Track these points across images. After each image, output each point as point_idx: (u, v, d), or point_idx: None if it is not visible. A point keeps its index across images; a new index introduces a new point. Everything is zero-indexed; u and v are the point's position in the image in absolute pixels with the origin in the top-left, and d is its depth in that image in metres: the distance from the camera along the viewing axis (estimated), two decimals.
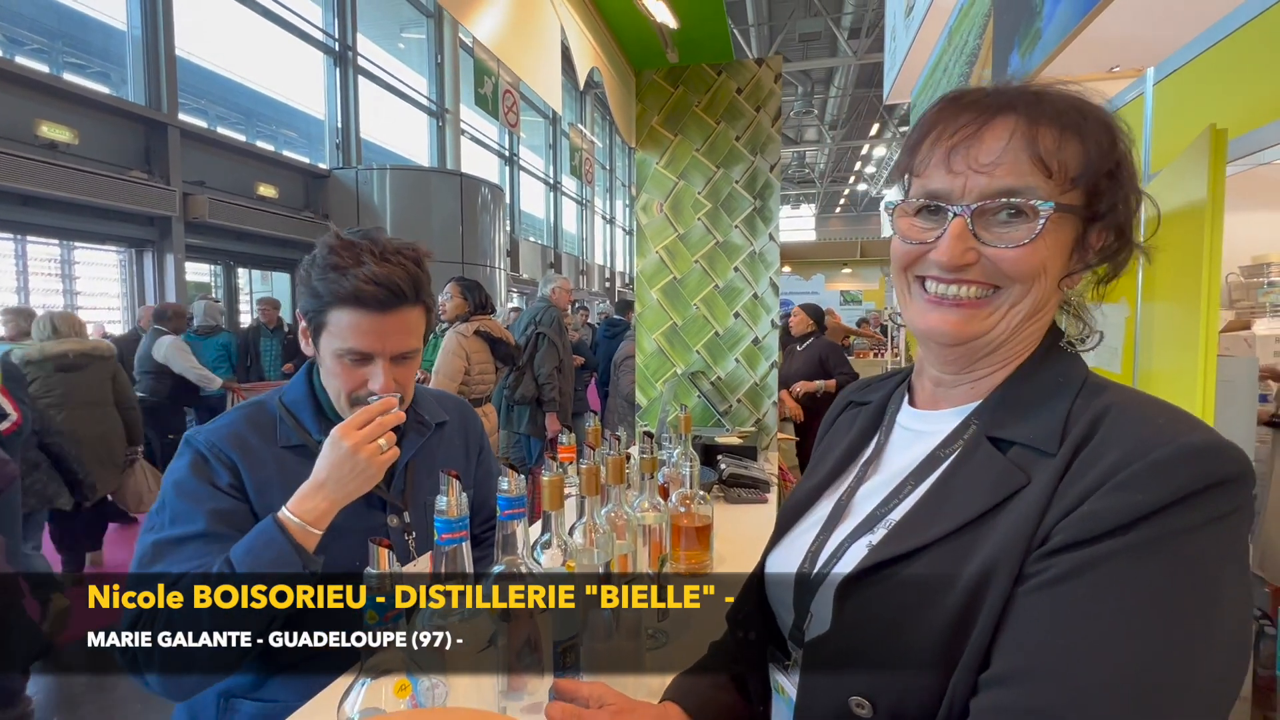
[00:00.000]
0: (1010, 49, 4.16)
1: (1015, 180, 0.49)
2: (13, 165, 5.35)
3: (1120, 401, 0.48)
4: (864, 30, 14.18)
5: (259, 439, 0.88)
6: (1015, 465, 0.49)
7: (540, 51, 1.59)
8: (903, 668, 0.47)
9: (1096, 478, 0.44)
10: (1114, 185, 0.50)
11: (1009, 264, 0.50)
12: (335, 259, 0.86)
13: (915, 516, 0.52)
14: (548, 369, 3.77)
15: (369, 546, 0.54)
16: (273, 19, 8.25)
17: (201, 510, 0.80)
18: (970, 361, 0.55)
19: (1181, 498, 0.41)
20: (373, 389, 0.87)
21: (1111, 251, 0.52)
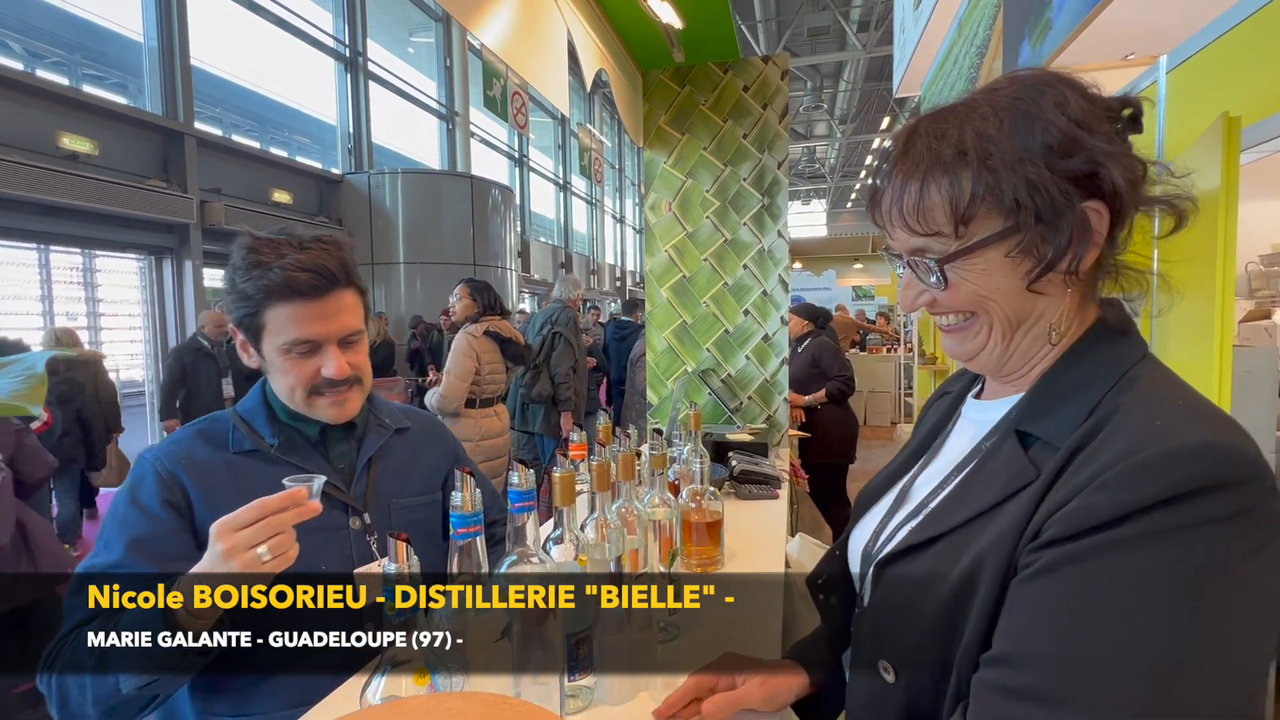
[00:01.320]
0: (1020, 39, 4.11)
1: (911, 240, 0.53)
2: (36, 177, 5.48)
3: (1136, 398, 0.47)
4: (873, 23, 14.07)
5: (209, 450, 0.87)
6: (1031, 461, 0.49)
7: (546, 55, 1.61)
8: (915, 640, 0.51)
9: (1087, 476, 0.44)
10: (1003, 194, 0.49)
11: (947, 301, 0.53)
12: (257, 257, 0.84)
13: (943, 506, 0.55)
14: (564, 368, 3.80)
15: (387, 542, 0.56)
16: (285, 27, 8.36)
17: (123, 538, 0.79)
18: (996, 369, 0.57)
19: (1169, 498, 0.40)
20: (327, 374, 0.86)
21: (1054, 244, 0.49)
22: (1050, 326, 0.53)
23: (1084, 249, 0.50)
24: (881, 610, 0.55)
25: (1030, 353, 0.54)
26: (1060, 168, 0.48)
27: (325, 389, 0.87)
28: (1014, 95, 0.50)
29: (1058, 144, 0.48)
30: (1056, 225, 0.49)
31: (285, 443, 0.90)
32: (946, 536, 0.52)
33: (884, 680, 0.53)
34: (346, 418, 0.92)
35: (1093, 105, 0.50)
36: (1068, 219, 0.49)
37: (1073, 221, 0.49)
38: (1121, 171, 0.48)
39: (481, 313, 3.01)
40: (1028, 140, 0.48)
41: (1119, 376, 0.49)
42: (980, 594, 0.47)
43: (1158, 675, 0.39)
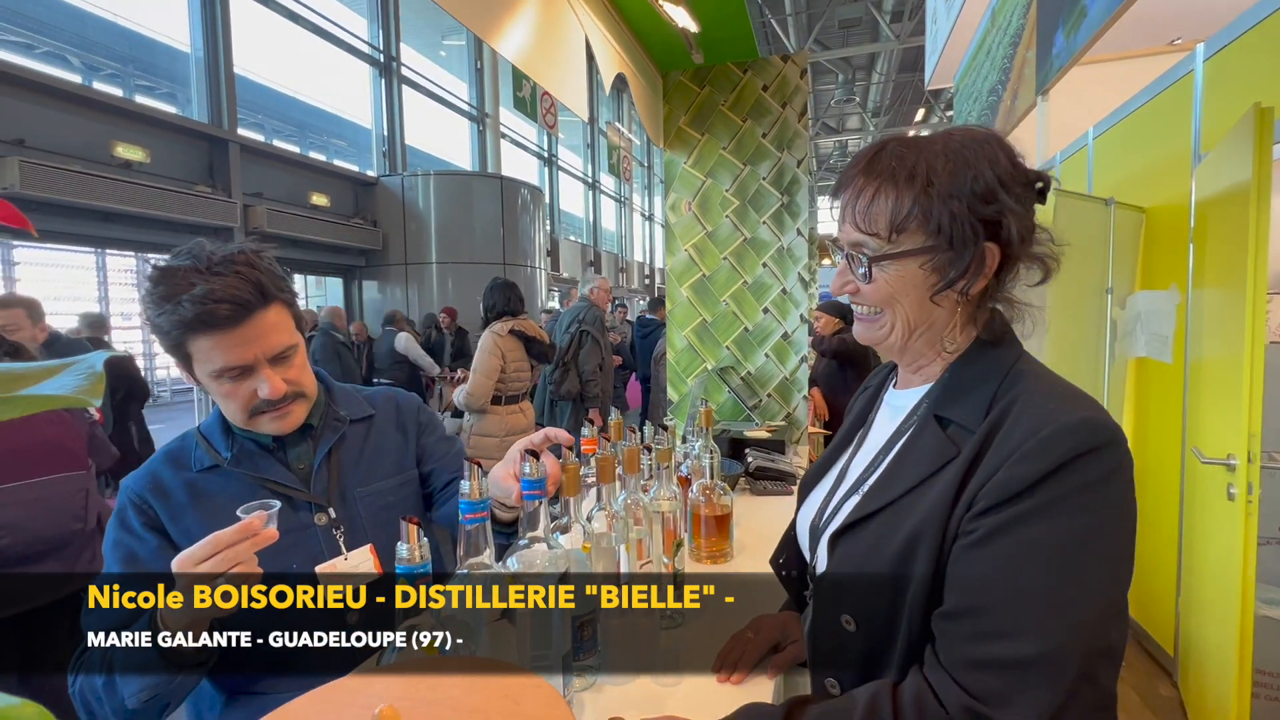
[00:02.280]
0: (1055, 28, 4.01)
1: (854, 235, 0.66)
2: (93, 185, 5.79)
3: (1027, 389, 0.61)
4: (906, 13, 13.77)
5: (172, 471, 0.90)
6: (950, 440, 0.63)
7: (565, 63, 1.66)
8: (870, 596, 0.63)
9: (1005, 454, 0.58)
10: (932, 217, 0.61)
11: (866, 294, 0.66)
12: (165, 289, 0.81)
13: (881, 481, 0.67)
14: (591, 366, 3.86)
15: (400, 526, 0.61)
16: (322, 34, 8.62)
17: (117, 559, 0.86)
18: (898, 356, 0.71)
19: (1061, 464, 0.55)
20: (264, 396, 0.86)
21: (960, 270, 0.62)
22: (941, 335, 0.67)
23: (976, 278, 0.63)
24: (838, 575, 0.67)
25: (923, 352, 0.68)
26: (977, 210, 0.61)
27: (265, 407, 0.88)
28: (962, 143, 0.63)
29: (981, 191, 0.61)
30: (962, 253, 0.62)
31: (239, 454, 0.91)
32: (887, 509, 0.64)
33: (846, 630, 0.65)
34: (291, 429, 0.92)
35: (1015, 169, 0.63)
36: (971, 251, 0.62)
37: (974, 254, 0.62)
38: (1018, 227, 0.62)
39: (501, 313, 3.09)
40: (961, 182, 0.61)
41: (1006, 371, 0.64)
42: (921, 554, 0.59)
43: (1076, 601, 0.54)
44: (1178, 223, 2.48)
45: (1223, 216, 1.96)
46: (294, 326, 0.91)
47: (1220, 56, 2.27)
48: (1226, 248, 1.89)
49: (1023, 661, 0.53)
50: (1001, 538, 0.56)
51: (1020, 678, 0.53)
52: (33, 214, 5.61)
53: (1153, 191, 2.73)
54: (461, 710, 0.39)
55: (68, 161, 5.69)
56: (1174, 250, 2.51)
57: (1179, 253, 2.42)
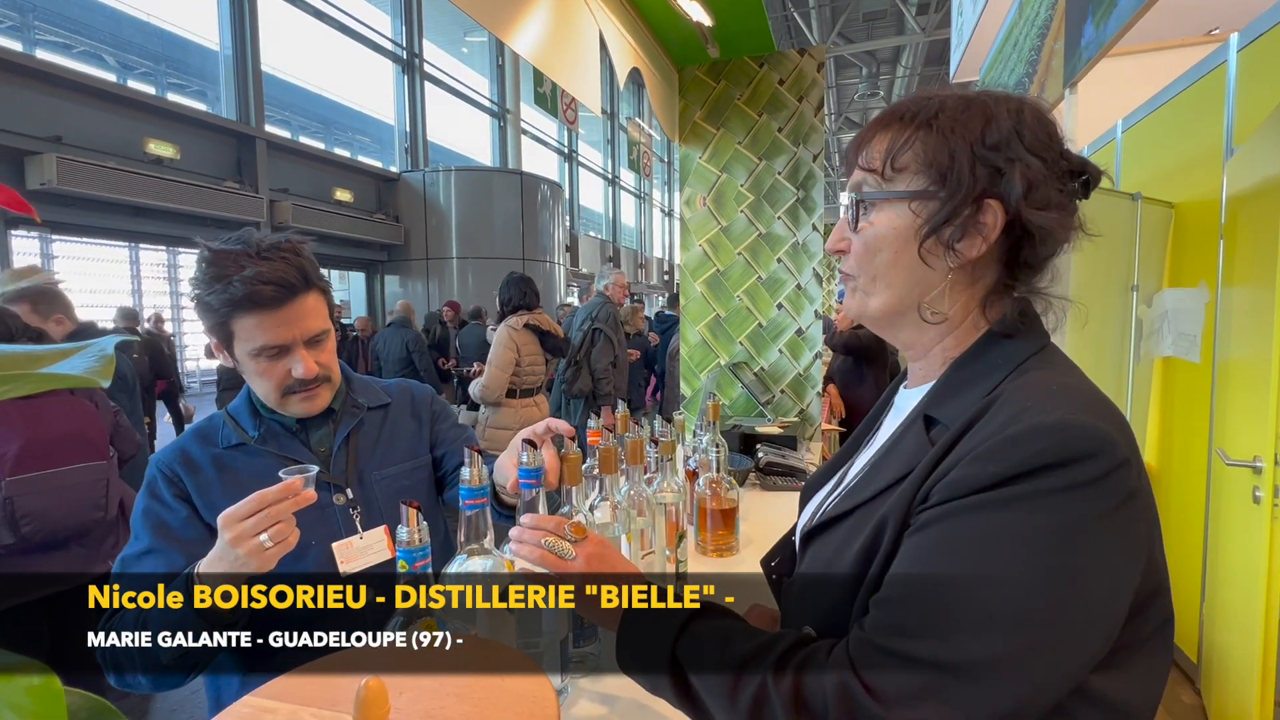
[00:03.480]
0: (1084, 19, 3.90)
1: (855, 176, 0.59)
2: (127, 180, 5.96)
3: (1018, 385, 0.52)
4: (933, 5, 13.52)
5: (201, 448, 0.95)
6: (931, 441, 0.55)
7: (579, 59, 1.67)
8: (830, 605, 0.56)
9: (968, 449, 0.49)
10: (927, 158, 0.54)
11: (854, 246, 0.59)
12: (217, 270, 0.87)
13: (858, 482, 0.60)
14: (603, 364, 3.88)
15: (400, 510, 0.63)
16: (347, 32, 8.74)
17: (148, 528, 0.89)
18: (887, 334, 0.63)
19: (1030, 470, 0.46)
20: (297, 375, 0.91)
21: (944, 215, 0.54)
22: (925, 302, 0.58)
23: (970, 234, 0.55)
24: (805, 578, 0.60)
25: (920, 327, 0.59)
26: (980, 154, 0.54)
27: (297, 387, 0.93)
28: (992, 97, 0.56)
29: (989, 136, 0.54)
30: (955, 197, 0.54)
31: (266, 434, 0.97)
32: (857, 510, 0.57)
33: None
34: (318, 411, 0.97)
35: (1050, 140, 0.55)
36: (966, 196, 0.54)
37: (968, 200, 0.54)
38: (1022, 179, 0.53)
39: (516, 307, 3.12)
40: (970, 122, 0.54)
41: (1013, 369, 0.54)
42: (879, 555, 0.52)
43: (1003, 617, 0.44)
44: (1208, 218, 2.41)
45: (1255, 211, 1.90)
46: (328, 314, 0.96)
47: (1255, 46, 2.20)
48: (1258, 244, 1.83)
49: (935, 666, 0.45)
50: (933, 529, 0.48)
51: (927, 684, 0.44)
52: (68, 209, 5.81)
53: (1183, 186, 2.66)
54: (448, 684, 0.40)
55: (102, 158, 5.86)
56: (1204, 247, 2.44)
57: (1209, 249, 2.35)
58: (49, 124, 5.65)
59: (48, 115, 5.64)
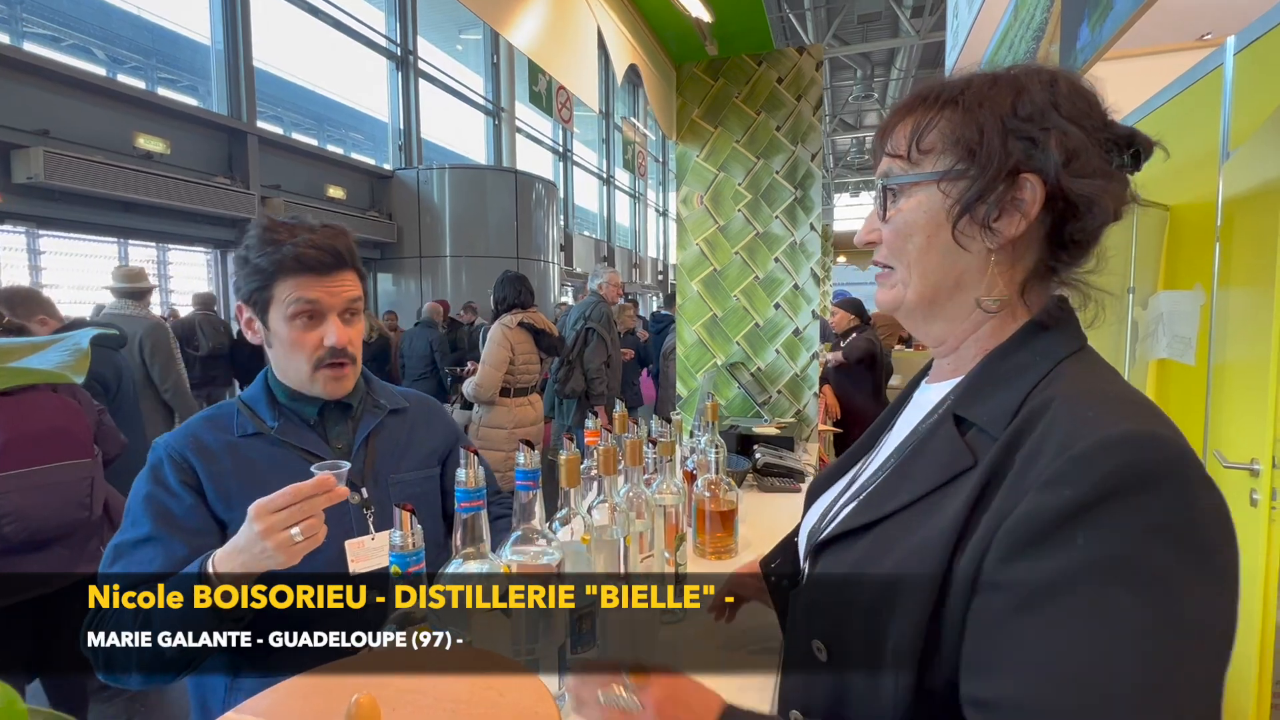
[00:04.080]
0: (1080, 21, 3.91)
1: (881, 168, 0.57)
2: (116, 175, 5.88)
3: (1065, 393, 0.48)
4: (927, 8, 13.58)
5: (214, 435, 0.93)
6: (968, 446, 0.50)
7: (577, 53, 1.64)
8: (846, 624, 0.52)
9: (1031, 475, 0.44)
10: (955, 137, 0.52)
11: (885, 235, 0.56)
12: (273, 235, 0.91)
13: (880, 489, 0.55)
14: (596, 364, 3.85)
15: (394, 513, 0.61)
16: (340, 27, 8.67)
17: (150, 514, 0.86)
18: (920, 328, 0.59)
19: (1105, 494, 0.41)
20: (329, 344, 0.92)
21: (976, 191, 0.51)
22: (972, 296, 0.54)
23: (1008, 211, 0.51)
24: (816, 590, 0.56)
25: (951, 324, 0.56)
26: (1012, 125, 0.50)
27: (327, 359, 0.93)
28: (1024, 70, 0.53)
29: (1021, 108, 0.51)
30: (987, 172, 0.51)
31: (285, 425, 0.95)
32: (882, 523, 0.53)
33: (816, 659, 0.54)
34: (343, 392, 0.97)
35: (1090, 109, 0.51)
36: (999, 170, 0.50)
37: (1002, 175, 0.50)
38: (1060, 148, 0.49)
39: (509, 306, 3.09)
40: (999, 96, 0.51)
41: (1050, 367, 0.50)
42: (911, 586, 0.47)
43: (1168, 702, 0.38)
44: (1204, 221, 2.42)
45: (1252, 214, 1.91)
46: (362, 294, 0.99)
47: (1252, 49, 2.20)
48: (1255, 246, 1.84)
49: None
50: (1052, 604, 0.41)
51: None
52: (56, 204, 5.72)
53: (1178, 189, 2.67)
54: (443, 700, 0.38)
55: (91, 152, 5.78)
56: (1199, 249, 2.44)
57: (1204, 252, 2.35)
58: (37, 117, 5.56)
59: (35, 109, 5.56)
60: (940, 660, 0.47)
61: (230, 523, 0.88)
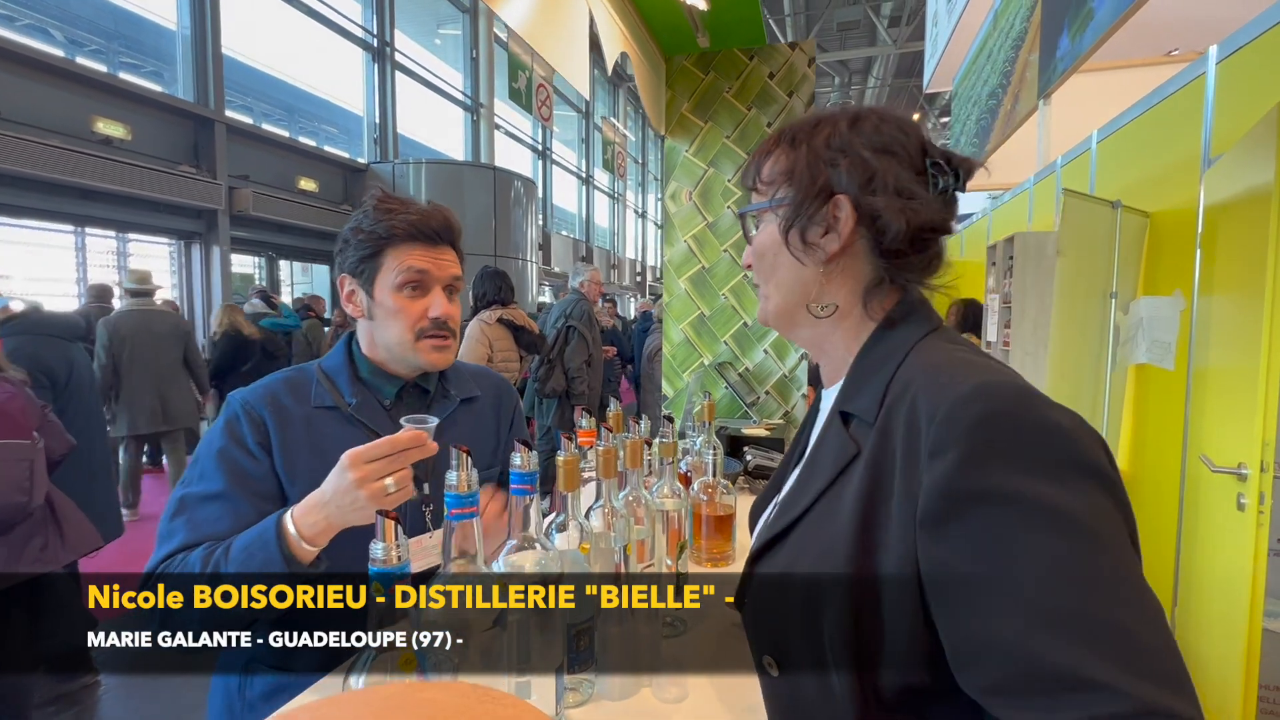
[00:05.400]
0: (1059, 31, 3.98)
1: (750, 198, 0.65)
2: (72, 160, 5.61)
3: (921, 369, 0.53)
4: (904, 18, 13.80)
5: (293, 399, 0.91)
6: (851, 437, 0.55)
7: (569, 38, 1.58)
8: (785, 630, 0.54)
9: (915, 451, 0.48)
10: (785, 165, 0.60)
11: (747, 257, 0.64)
12: (388, 205, 0.93)
13: (790, 494, 0.60)
14: (577, 363, 3.78)
15: (376, 520, 0.54)
16: (314, 16, 8.45)
17: (223, 470, 0.85)
18: (791, 335, 0.66)
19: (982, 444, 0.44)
20: (433, 315, 0.93)
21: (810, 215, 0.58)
22: (811, 298, 0.61)
23: (832, 229, 0.58)
24: (756, 606, 0.58)
25: (811, 323, 0.62)
26: (823, 155, 0.58)
27: (431, 330, 0.93)
28: (840, 110, 0.61)
29: (831, 140, 0.58)
30: (805, 196, 0.58)
31: (361, 403, 0.94)
32: (798, 524, 0.56)
33: (770, 676, 0.56)
34: (445, 364, 0.98)
35: (899, 135, 0.58)
36: (807, 193, 0.58)
37: (812, 196, 0.58)
38: (856, 171, 0.57)
39: (490, 301, 3.00)
40: (815, 132, 0.59)
41: (905, 353, 0.56)
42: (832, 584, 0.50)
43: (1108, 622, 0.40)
44: (1184, 227, 2.45)
45: (1237, 221, 1.92)
46: (462, 275, 1.00)
47: (1233, 60, 2.23)
48: (1240, 253, 1.85)
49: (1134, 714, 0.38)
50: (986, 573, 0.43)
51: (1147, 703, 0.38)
52: (7, 189, 5.44)
53: (1158, 196, 2.70)
54: None
55: (46, 135, 5.51)
56: (1179, 255, 2.47)
57: (1184, 258, 2.38)
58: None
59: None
60: (887, 656, 0.48)
61: (290, 497, 0.86)
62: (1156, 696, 0.38)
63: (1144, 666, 0.39)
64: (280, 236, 8.17)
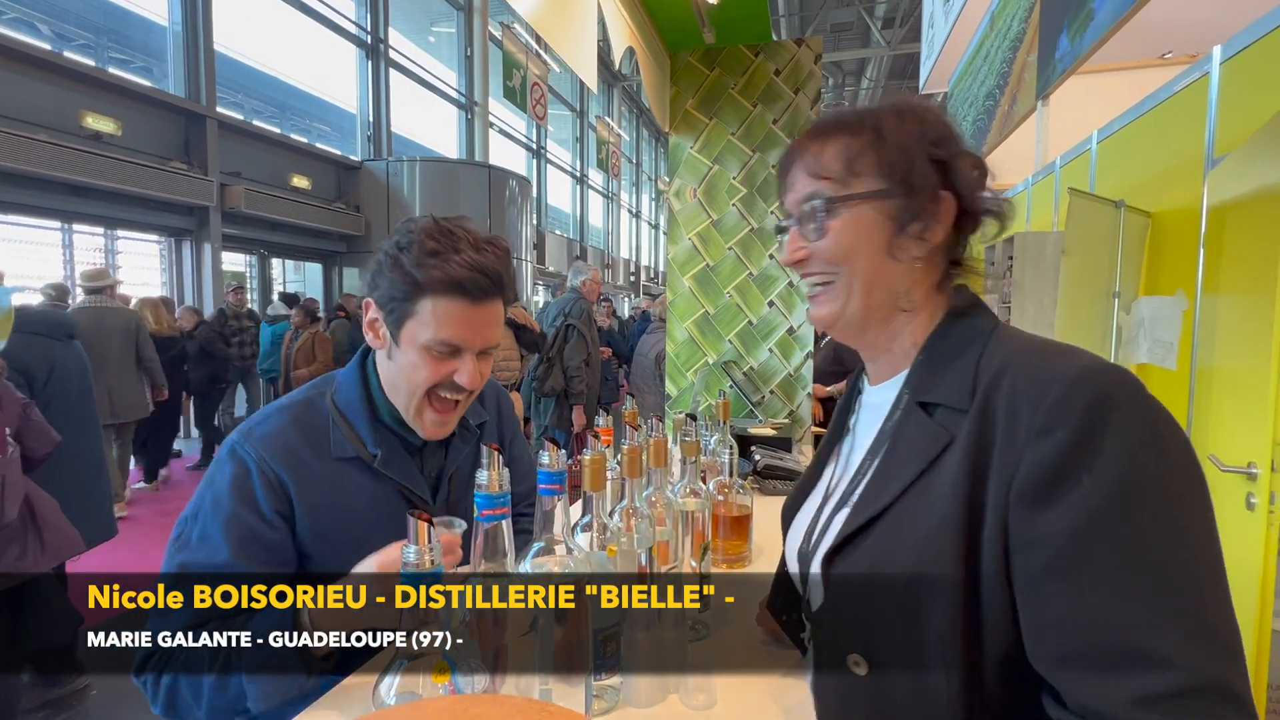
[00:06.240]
0: (1059, 32, 3.99)
1: (806, 189, 0.61)
2: (60, 155, 5.51)
3: (1012, 355, 0.53)
4: (898, 20, 13.85)
5: (311, 450, 0.82)
6: (940, 426, 0.55)
7: (578, 30, 1.55)
8: (880, 625, 0.53)
9: (1022, 435, 0.49)
10: (885, 160, 0.58)
11: (822, 252, 0.60)
12: (434, 244, 0.79)
13: (870, 488, 0.58)
14: (576, 361, 3.75)
15: (408, 523, 0.51)
16: (308, 12, 8.36)
17: (230, 540, 0.75)
18: (857, 337, 0.63)
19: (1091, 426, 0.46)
20: (459, 382, 0.82)
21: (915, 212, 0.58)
22: (899, 301, 0.61)
23: (933, 225, 0.59)
24: (840, 605, 0.56)
25: (886, 319, 0.61)
26: (930, 151, 0.58)
27: (445, 394, 0.83)
28: (912, 103, 0.61)
29: (933, 134, 0.59)
30: (916, 195, 0.58)
31: (387, 454, 0.85)
32: (884, 515, 0.55)
33: (855, 675, 0.54)
34: (441, 436, 0.88)
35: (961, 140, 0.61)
36: (925, 192, 0.58)
37: (928, 196, 0.58)
38: (966, 169, 0.59)
39: None
40: (912, 126, 0.59)
41: (985, 342, 0.57)
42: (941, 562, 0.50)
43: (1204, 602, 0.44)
44: (1187, 227, 2.45)
45: (1246, 220, 1.92)
46: (499, 333, 0.88)
47: (1237, 60, 2.24)
48: (1249, 252, 1.85)
49: (1183, 691, 0.42)
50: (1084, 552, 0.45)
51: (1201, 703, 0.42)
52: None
53: (1160, 196, 2.71)
54: None
55: (34, 130, 5.41)
56: (1181, 255, 2.47)
57: (1187, 258, 2.38)
58: None
59: None
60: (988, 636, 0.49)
61: (314, 556, 0.79)
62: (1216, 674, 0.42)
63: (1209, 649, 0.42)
64: (272, 234, 8.08)
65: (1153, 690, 0.42)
